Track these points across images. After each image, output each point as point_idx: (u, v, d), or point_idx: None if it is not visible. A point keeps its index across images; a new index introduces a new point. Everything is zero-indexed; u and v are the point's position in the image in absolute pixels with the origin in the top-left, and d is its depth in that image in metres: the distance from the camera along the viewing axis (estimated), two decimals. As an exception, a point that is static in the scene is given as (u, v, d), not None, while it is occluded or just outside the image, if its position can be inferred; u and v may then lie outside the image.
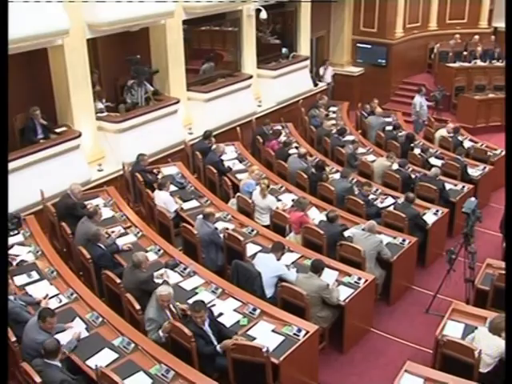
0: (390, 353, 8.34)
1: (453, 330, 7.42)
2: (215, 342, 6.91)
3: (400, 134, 14.69)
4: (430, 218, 10.42)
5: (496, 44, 20.34)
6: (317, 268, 7.94)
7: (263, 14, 15.10)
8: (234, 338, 6.84)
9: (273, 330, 7.21)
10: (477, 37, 20.48)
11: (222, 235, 9.24)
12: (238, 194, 10.88)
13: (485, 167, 13.03)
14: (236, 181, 11.73)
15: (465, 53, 19.74)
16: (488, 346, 6.79)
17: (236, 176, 11.99)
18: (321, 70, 18.81)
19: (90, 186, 11.32)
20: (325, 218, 9.59)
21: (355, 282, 8.31)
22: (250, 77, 15.37)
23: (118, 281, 7.83)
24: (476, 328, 7.24)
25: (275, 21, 17.76)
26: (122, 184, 11.82)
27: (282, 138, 13.88)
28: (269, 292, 8.20)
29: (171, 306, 7.35)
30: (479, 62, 19.45)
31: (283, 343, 6.96)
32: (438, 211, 10.65)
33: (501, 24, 21.16)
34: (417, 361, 7.07)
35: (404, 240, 9.52)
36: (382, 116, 15.80)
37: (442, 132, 14.84)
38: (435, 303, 9.03)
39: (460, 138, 14.67)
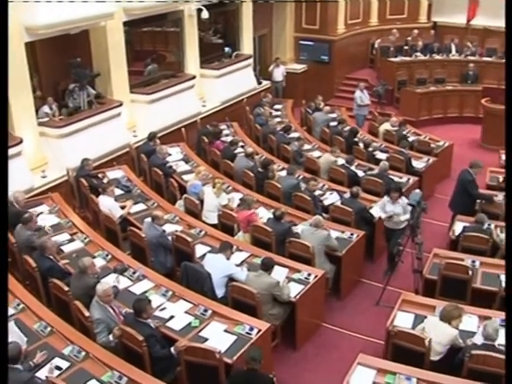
0: (343, 346, 8.41)
1: (403, 320, 7.52)
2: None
3: (344, 129, 14.82)
4: (376, 211, 10.54)
5: (436, 38, 20.75)
6: (267, 266, 7.94)
7: (205, 14, 15.05)
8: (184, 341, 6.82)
9: (225, 330, 7.20)
10: (416, 31, 20.84)
11: (170, 237, 9.17)
12: (185, 195, 10.82)
13: (429, 159, 13.24)
14: (182, 182, 11.65)
15: (406, 47, 20.03)
16: (438, 335, 6.91)
17: (182, 177, 11.90)
18: (270, 68, 18.82)
19: (33, 193, 11.10)
20: (272, 216, 9.62)
21: (305, 278, 8.35)
22: (194, 77, 15.32)
23: (66, 288, 7.67)
24: (426, 317, 7.35)
25: (217, 20, 17.70)
26: (66, 190, 11.61)
27: (228, 138, 13.87)
28: (219, 292, 8.18)
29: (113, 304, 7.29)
30: (420, 56, 19.76)
31: (236, 343, 6.96)
32: (384, 204, 10.79)
33: (440, 18, 21.71)
34: (369, 353, 7.15)
35: (352, 234, 9.61)
36: (327, 112, 15.89)
37: (386, 126, 15.03)
38: (385, 295, 9.13)
39: (404, 131, 14.87)
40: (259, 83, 18.01)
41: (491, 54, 19.74)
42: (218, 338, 7.05)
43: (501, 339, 6.81)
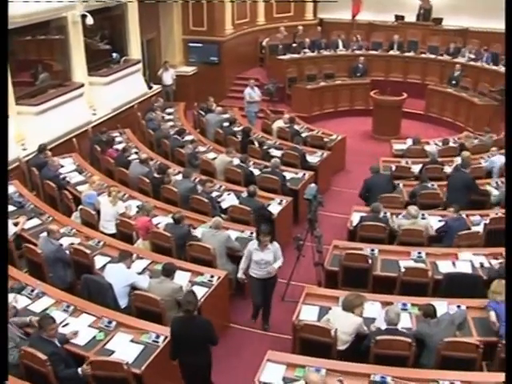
0: (252, 345, 8.49)
1: (308, 313, 7.70)
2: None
3: (237, 128, 14.94)
4: (274, 208, 10.71)
5: (322, 34, 21.27)
6: (168, 271, 7.90)
7: (89, 20, 14.71)
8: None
9: (131, 340, 7.13)
10: (300, 27, 21.30)
11: (67, 251, 8.96)
12: (81, 206, 10.60)
13: (323, 153, 13.54)
14: (77, 193, 11.40)
15: (294, 45, 20.37)
16: (343, 324, 7.09)
17: (77, 188, 11.65)
18: (160, 72, 18.68)
19: None
20: (171, 221, 9.58)
21: (208, 280, 8.40)
22: (82, 85, 14.98)
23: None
24: (330, 309, 7.53)
25: (103, 26, 17.33)
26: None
27: (120, 145, 13.69)
28: (122, 302, 8.07)
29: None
30: (308, 53, 20.17)
31: (143, 352, 6.92)
32: (282, 201, 10.96)
33: (325, 15, 22.33)
34: (278, 349, 7.26)
35: (252, 233, 9.68)
36: (219, 113, 15.95)
37: (279, 123, 15.25)
38: (289, 290, 9.26)
39: (296, 127, 15.13)
40: (150, 88, 17.85)
41: (377, 47, 20.51)
42: (124, 349, 6.98)
43: (403, 323, 7.13)
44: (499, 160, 12.50)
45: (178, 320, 6.88)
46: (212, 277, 8.44)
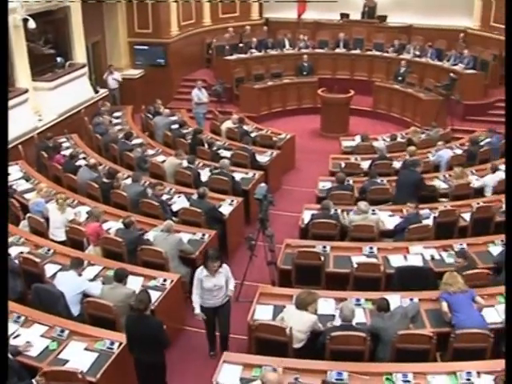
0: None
1: (263, 313, 7.72)
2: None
3: (186, 130, 14.87)
4: (226, 208, 10.68)
5: (269, 34, 21.34)
6: (120, 277, 7.79)
7: (31, 24, 14.39)
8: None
9: (85, 348, 7.05)
10: (248, 27, 21.33)
11: (16, 260, 8.79)
12: (29, 214, 10.39)
13: (272, 152, 13.57)
14: (24, 201, 11.17)
15: (241, 45, 20.42)
16: (298, 322, 7.11)
17: (24, 196, 11.43)
18: (105, 76, 18.48)
19: None
20: (122, 225, 9.48)
21: (161, 284, 8.35)
22: (26, 91, 14.70)
23: None
24: (284, 307, 7.52)
25: (47, 30, 17.02)
26: None
27: (68, 151, 13.48)
28: (75, 310, 7.95)
29: None
30: (255, 53, 20.22)
31: (98, 359, 6.84)
32: (232, 201, 10.95)
33: (271, 15, 22.44)
34: (234, 350, 7.39)
35: (204, 234, 9.70)
36: (167, 115, 15.85)
37: (228, 124, 15.22)
38: (243, 290, 9.25)
39: (245, 127, 15.14)
40: (96, 92, 17.63)
41: (323, 45, 20.68)
42: (78, 357, 6.88)
43: (357, 318, 7.20)
44: (446, 154, 12.77)
45: (130, 318, 6.93)
46: (165, 280, 8.39)
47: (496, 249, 9.07)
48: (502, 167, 11.78)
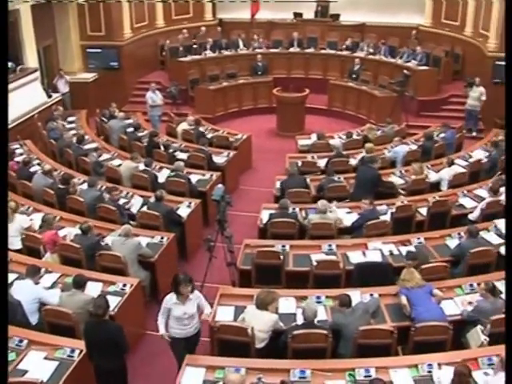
0: (170, 351, 8.36)
1: (224, 314, 7.74)
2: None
3: (142, 133, 14.75)
4: (184, 211, 10.65)
5: (223, 34, 21.32)
6: (79, 283, 7.71)
7: (-22, 29, 14.17)
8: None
9: (45, 358, 6.96)
10: (203, 28, 21.29)
11: (-29, 270, 8.61)
12: (-18, 223, 10.19)
13: (229, 153, 13.57)
14: (-23, 210, 10.95)
15: (195, 46, 20.35)
16: (259, 322, 7.13)
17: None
18: (55, 81, 18.21)
19: None
20: (79, 231, 9.35)
21: (121, 289, 8.29)
22: (-24, 97, 14.41)
23: None
24: (245, 307, 7.52)
25: (-4, 34, 16.75)
26: None
27: (22, 157, 13.24)
28: (33, 319, 7.82)
29: None
30: (210, 54, 20.16)
31: (59, 368, 6.77)
32: (190, 203, 10.91)
33: (225, 15, 22.50)
34: (197, 352, 7.28)
35: (162, 238, 9.67)
36: (122, 119, 15.69)
37: (184, 125, 15.15)
38: (204, 292, 9.14)
39: (201, 128, 15.07)
40: (49, 96, 17.33)
41: (277, 45, 20.75)
42: (38, 367, 6.80)
43: (318, 316, 7.23)
44: (402, 150, 12.93)
45: (89, 324, 6.87)
46: (125, 285, 8.33)
47: (453, 242, 9.25)
48: (458, 161, 12.04)
